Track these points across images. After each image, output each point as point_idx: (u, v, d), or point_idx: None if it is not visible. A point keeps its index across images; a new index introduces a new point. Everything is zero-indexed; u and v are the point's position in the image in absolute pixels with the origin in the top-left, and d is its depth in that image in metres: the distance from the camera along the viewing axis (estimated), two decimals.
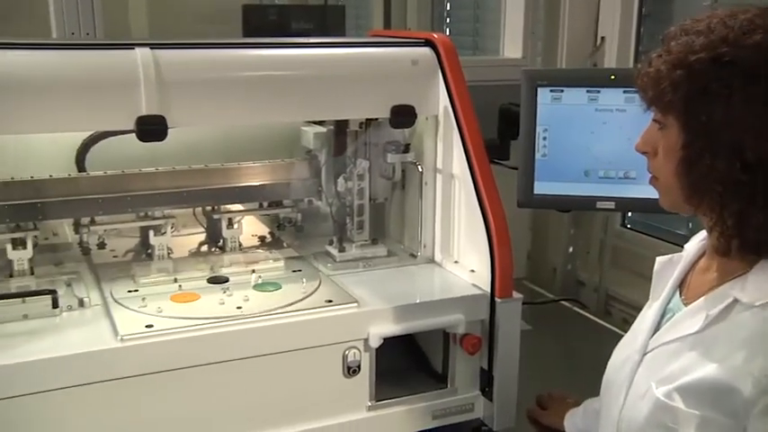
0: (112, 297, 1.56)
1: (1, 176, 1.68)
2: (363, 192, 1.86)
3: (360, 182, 1.85)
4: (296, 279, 1.68)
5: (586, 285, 2.71)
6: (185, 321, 1.44)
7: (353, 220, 1.86)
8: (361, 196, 1.86)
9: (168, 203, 1.80)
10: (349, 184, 1.85)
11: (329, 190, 1.91)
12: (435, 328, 1.62)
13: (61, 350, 1.35)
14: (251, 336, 1.46)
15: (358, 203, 1.86)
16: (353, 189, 1.85)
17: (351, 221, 1.87)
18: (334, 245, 1.83)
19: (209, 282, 1.66)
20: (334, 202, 1.89)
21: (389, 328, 1.55)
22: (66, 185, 1.72)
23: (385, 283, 1.70)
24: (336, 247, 1.82)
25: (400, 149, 1.83)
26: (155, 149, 1.57)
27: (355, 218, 1.86)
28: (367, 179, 1.85)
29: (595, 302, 2.66)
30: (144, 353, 1.38)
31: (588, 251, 2.71)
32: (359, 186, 1.85)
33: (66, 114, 1.47)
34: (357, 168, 1.84)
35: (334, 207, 1.90)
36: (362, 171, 1.84)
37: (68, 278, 1.62)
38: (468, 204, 1.71)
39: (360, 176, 1.84)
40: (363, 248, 1.83)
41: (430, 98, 1.74)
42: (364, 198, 1.86)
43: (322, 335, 1.52)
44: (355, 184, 1.85)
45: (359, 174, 1.84)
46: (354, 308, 1.55)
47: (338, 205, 1.89)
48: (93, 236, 1.82)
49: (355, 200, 1.85)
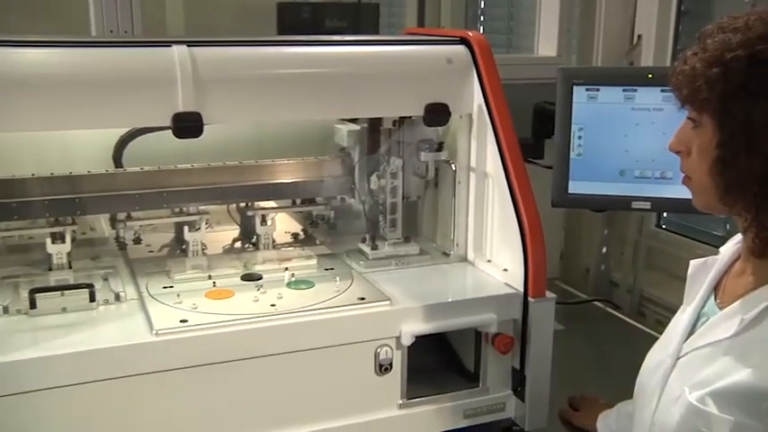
0: (148, 292, 1.58)
1: (41, 172, 1.72)
2: (396, 190, 1.86)
3: (393, 180, 1.85)
4: (329, 277, 1.69)
5: (620, 286, 2.69)
6: (220, 317, 1.46)
7: (386, 218, 1.87)
8: (394, 194, 1.86)
9: (203, 200, 1.82)
10: (382, 182, 1.86)
11: (362, 188, 1.92)
12: (467, 326, 1.62)
13: (97, 343, 1.37)
14: (284, 332, 1.47)
15: (391, 201, 1.86)
16: (386, 187, 1.85)
17: (383, 219, 1.87)
18: (366, 242, 1.83)
19: (242, 279, 1.67)
20: (367, 200, 1.90)
21: (421, 327, 1.56)
22: (103, 181, 1.75)
23: (417, 282, 1.70)
24: (369, 244, 1.82)
25: (434, 148, 1.83)
26: (189, 146, 1.59)
27: (388, 216, 1.86)
28: (400, 177, 1.86)
29: (629, 304, 2.64)
30: (178, 347, 1.40)
31: (622, 252, 2.69)
32: (392, 184, 1.85)
33: (104, 111, 1.49)
34: (390, 166, 1.85)
35: (366, 205, 1.90)
36: (396, 169, 1.85)
37: (105, 272, 1.65)
38: (501, 203, 1.71)
39: (393, 174, 1.85)
40: (396, 246, 1.83)
41: (464, 96, 1.74)
42: (397, 196, 1.87)
43: (354, 332, 1.52)
44: (388, 182, 1.85)
45: (392, 172, 1.85)
46: (387, 306, 1.56)
47: (371, 203, 1.90)
48: (130, 231, 1.84)
49: (388, 198, 1.86)
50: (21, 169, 1.71)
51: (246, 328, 1.45)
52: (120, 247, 1.86)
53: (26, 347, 1.34)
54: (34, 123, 1.47)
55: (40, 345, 1.36)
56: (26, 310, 1.47)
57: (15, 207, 1.67)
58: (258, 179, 1.86)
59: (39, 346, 1.36)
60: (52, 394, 1.33)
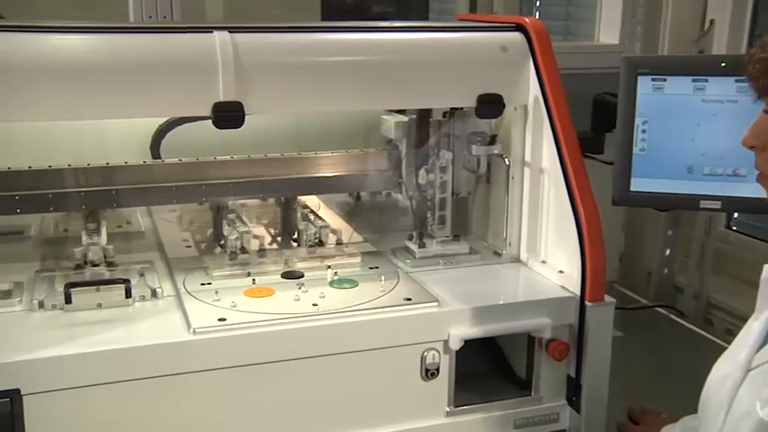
0: (185, 289, 1.61)
1: (77, 162, 1.76)
2: (446, 185, 1.86)
3: (442, 174, 1.85)
4: (373, 276, 1.70)
5: (685, 292, 2.65)
6: (260, 316, 1.48)
7: (434, 215, 1.87)
8: (444, 189, 1.86)
9: (243, 193, 1.85)
10: (431, 176, 1.86)
11: (409, 182, 1.92)
12: (520, 331, 1.62)
13: (133, 341, 1.41)
14: (327, 333, 1.49)
15: (440, 197, 1.86)
16: (435, 182, 1.86)
17: (432, 216, 1.88)
18: (413, 240, 1.84)
19: (283, 277, 1.69)
20: (415, 196, 1.91)
21: (471, 330, 1.56)
22: (140, 173, 1.78)
23: (467, 282, 1.70)
24: (416, 242, 1.83)
25: (486, 141, 1.82)
26: (227, 137, 1.62)
27: (437, 212, 1.87)
28: (450, 171, 1.86)
29: (694, 310, 2.60)
30: (217, 347, 1.43)
31: (687, 254, 2.65)
32: (441, 179, 1.86)
33: (142, 100, 1.52)
34: (440, 160, 1.85)
35: (414, 200, 1.91)
36: (445, 163, 1.85)
37: (141, 268, 1.69)
38: (557, 201, 1.70)
39: (442, 169, 1.85)
40: (444, 245, 1.84)
41: (519, 87, 1.73)
42: (447, 191, 1.87)
43: (400, 334, 1.53)
44: (437, 176, 1.85)
45: (441, 166, 1.85)
46: (434, 307, 1.56)
47: (419, 198, 1.90)
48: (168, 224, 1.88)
49: (437, 193, 1.86)
50: (56, 160, 1.76)
51: (287, 328, 1.47)
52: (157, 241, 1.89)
53: (61, 344, 1.38)
54: (70, 112, 1.51)
55: (76, 341, 1.39)
56: (61, 306, 1.51)
57: (51, 199, 1.72)
58: (301, 172, 1.88)
59: (74, 342, 1.39)
60: (86, 392, 1.37)
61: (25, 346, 1.36)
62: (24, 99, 1.45)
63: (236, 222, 1.80)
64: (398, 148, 1.93)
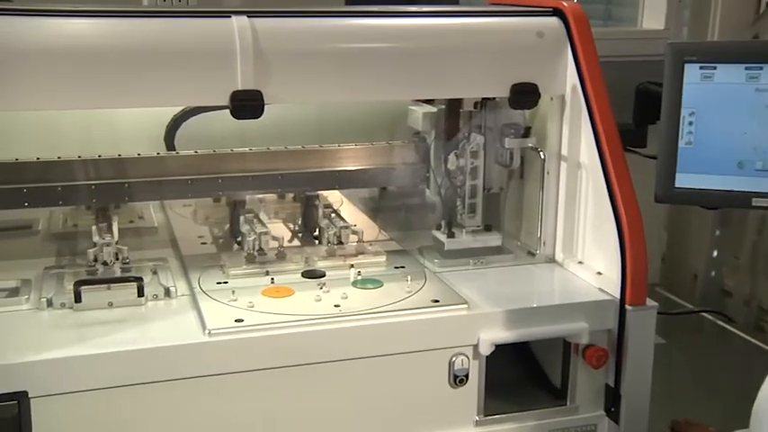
0: (200, 288, 1.63)
1: (87, 154, 1.78)
2: (477, 171, 1.85)
3: (473, 160, 1.84)
4: (399, 276, 1.71)
5: (734, 296, 2.63)
6: (278, 317, 1.50)
7: (464, 203, 1.86)
8: (474, 176, 1.85)
9: (261, 187, 1.86)
10: (461, 161, 1.84)
11: (438, 169, 1.90)
12: (554, 336, 1.62)
13: (146, 342, 1.42)
14: (350, 336, 1.50)
15: (470, 184, 1.85)
16: (466, 167, 1.84)
17: (461, 204, 1.87)
18: (442, 230, 1.83)
19: (303, 276, 1.71)
20: (444, 183, 1.90)
21: (502, 335, 1.56)
22: (154, 165, 1.80)
23: (498, 284, 1.71)
24: (444, 232, 1.82)
25: (520, 133, 1.83)
26: (244, 128, 1.64)
27: (467, 200, 1.86)
28: (481, 157, 1.84)
29: (744, 316, 2.58)
30: (233, 349, 1.44)
31: (737, 256, 2.63)
32: (472, 164, 1.84)
33: (156, 88, 1.54)
34: (470, 144, 1.84)
35: (443, 188, 1.90)
36: (477, 147, 1.83)
37: (154, 265, 1.71)
38: (596, 197, 1.70)
39: (473, 153, 1.84)
40: (475, 235, 1.83)
41: (556, 75, 1.73)
42: (478, 178, 1.85)
43: (427, 338, 1.54)
44: (468, 162, 1.84)
45: (472, 150, 1.84)
46: (464, 310, 1.57)
47: (448, 186, 1.90)
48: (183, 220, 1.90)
49: (467, 180, 1.85)
50: (66, 151, 1.78)
51: (307, 330, 1.48)
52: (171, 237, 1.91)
53: (70, 344, 1.40)
54: (80, 101, 1.53)
55: (85, 342, 1.42)
56: (71, 304, 1.54)
57: (60, 192, 1.74)
58: (322, 165, 1.89)
59: (83, 343, 1.41)
60: (96, 395, 1.39)
61: (33, 347, 1.39)
62: (32, 87, 1.47)
63: (254, 222, 1.82)
64: (426, 141, 1.93)
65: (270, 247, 1.76)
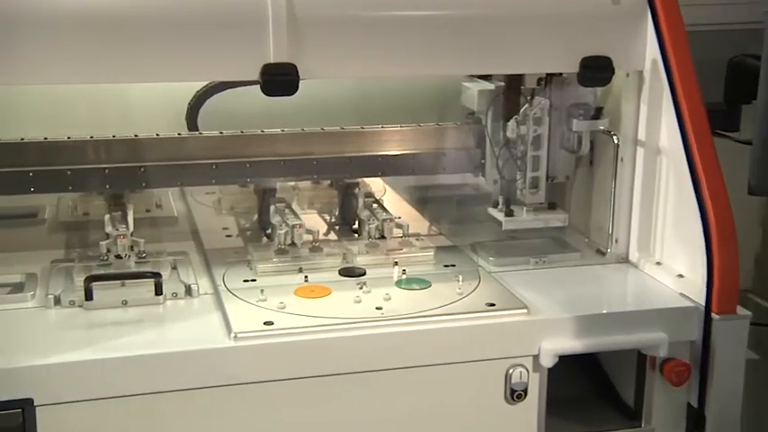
0: (225, 286, 1.64)
1: (100, 134, 1.81)
2: (541, 139, 1.83)
3: (536, 127, 1.82)
4: (449, 275, 1.70)
5: None
6: (313, 320, 1.50)
7: (525, 177, 1.85)
8: (538, 146, 1.83)
9: (294, 174, 1.87)
10: (522, 129, 1.83)
11: (494, 146, 1.90)
12: (628, 347, 1.61)
13: (164, 346, 1.44)
14: (393, 342, 1.50)
15: (533, 155, 1.84)
16: (528, 136, 1.82)
17: (522, 178, 1.86)
18: (499, 207, 1.82)
19: (341, 274, 1.71)
20: (502, 154, 1.89)
21: (567, 344, 1.55)
22: (173, 147, 1.82)
23: (563, 286, 1.70)
24: (502, 209, 1.81)
25: (590, 114, 1.81)
26: (275, 106, 1.64)
27: (528, 173, 1.84)
28: (546, 124, 1.82)
29: None
30: (262, 356, 1.45)
31: None
32: (535, 133, 1.83)
33: (178, 61, 1.55)
34: (533, 109, 1.82)
35: (501, 159, 1.89)
36: (540, 113, 1.81)
37: (174, 260, 1.72)
38: (678, 189, 1.68)
39: (537, 120, 1.82)
40: (537, 213, 1.82)
41: (634, 48, 1.71)
42: (541, 148, 1.83)
43: (480, 347, 1.53)
44: (530, 129, 1.83)
45: (535, 116, 1.82)
46: (523, 315, 1.56)
47: (507, 158, 1.88)
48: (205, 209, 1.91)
49: (529, 150, 1.84)
50: (76, 131, 1.80)
51: (345, 335, 1.48)
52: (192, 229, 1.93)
53: (80, 347, 1.42)
54: (92, 74, 1.54)
55: (97, 345, 1.43)
56: (81, 302, 1.56)
57: (69, 176, 1.76)
58: (364, 149, 1.89)
59: (94, 346, 1.43)
60: (108, 405, 1.40)
61: (39, 350, 1.41)
62: (39, 58, 1.49)
63: (285, 212, 1.83)
64: (482, 122, 1.93)
65: (303, 241, 1.76)
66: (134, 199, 1.88)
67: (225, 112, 1.95)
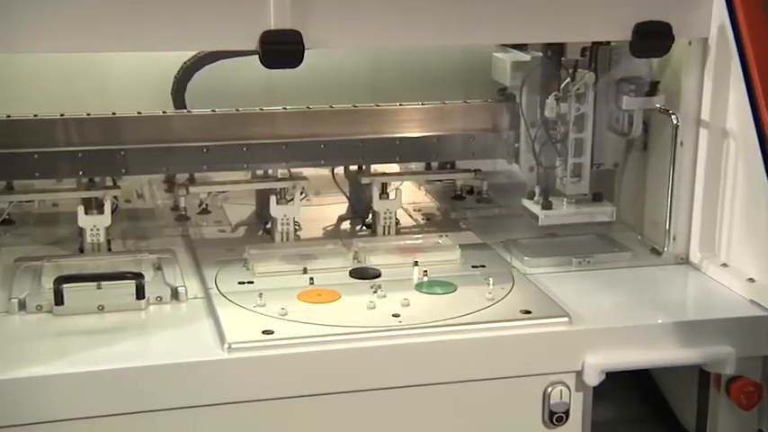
0: (218, 289, 1.63)
1: (72, 111, 1.80)
2: (584, 120, 1.81)
3: (579, 105, 1.81)
4: (478, 278, 1.70)
5: None
6: (319, 329, 1.49)
7: (566, 163, 1.84)
8: (581, 127, 1.81)
9: (298, 159, 1.87)
10: (563, 107, 1.81)
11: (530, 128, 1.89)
12: (687, 363, 1.59)
13: (146, 359, 1.43)
14: (412, 356, 1.49)
15: (575, 137, 1.83)
16: (569, 115, 1.81)
17: (562, 165, 1.85)
18: (535, 199, 1.81)
19: (352, 275, 1.71)
20: (540, 137, 1.88)
21: (616, 359, 1.54)
22: (157, 127, 1.82)
23: (612, 291, 1.69)
24: (539, 202, 1.80)
25: (643, 90, 1.80)
26: (276, 80, 1.63)
27: (570, 159, 1.83)
28: (590, 101, 1.81)
29: None
30: (260, 370, 1.44)
31: None
32: (578, 111, 1.81)
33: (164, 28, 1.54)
34: (576, 83, 1.80)
35: (538, 143, 1.88)
36: (584, 88, 1.80)
37: (158, 258, 1.71)
38: (749, 178, 1.67)
39: (579, 97, 1.80)
40: (580, 206, 1.81)
41: (697, 12, 1.70)
42: (585, 130, 1.82)
43: (514, 362, 1.53)
44: (572, 107, 1.81)
45: (578, 92, 1.80)
46: (564, 324, 1.55)
47: (544, 141, 1.87)
48: (193, 200, 1.91)
49: (571, 132, 1.83)
50: (44, 108, 1.81)
51: (357, 347, 1.47)
52: (180, 222, 1.93)
53: (49, 359, 1.41)
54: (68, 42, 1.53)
55: (68, 357, 1.42)
56: (50, 307, 1.55)
57: (36, 160, 1.76)
58: (378, 131, 1.89)
59: (66, 358, 1.42)
60: (80, 427, 1.39)
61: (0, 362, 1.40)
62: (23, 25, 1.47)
63: (288, 203, 1.82)
64: (515, 100, 1.92)
65: (308, 236, 1.76)
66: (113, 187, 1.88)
67: (217, 88, 1.95)
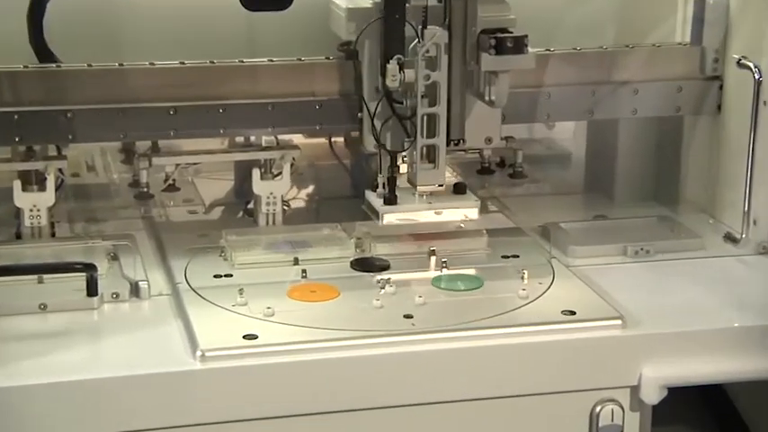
0: (188, 283, 1.64)
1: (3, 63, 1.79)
2: (437, 90, 1.71)
3: (429, 71, 1.71)
4: (509, 271, 1.71)
5: None
6: (314, 334, 1.49)
7: (417, 146, 1.76)
8: (433, 98, 1.72)
9: (287, 122, 1.86)
10: (408, 74, 1.72)
11: (368, 101, 1.83)
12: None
13: (100, 370, 1.43)
14: (428, 367, 1.49)
15: (425, 113, 1.74)
16: (417, 86, 1.73)
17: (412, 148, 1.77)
18: (378, 191, 1.77)
19: (354, 267, 1.72)
20: (382, 111, 1.80)
21: (680, 371, 1.55)
22: (113, 82, 1.80)
23: (676, 287, 1.71)
24: (382, 195, 1.75)
25: (507, 47, 1.69)
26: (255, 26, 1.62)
27: (419, 140, 1.74)
28: (443, 65, 1.71)
29: None
30: (241, 383, 1.44)
31: None
32: (427, 79, 1.71)
33: None
34: (425, 43, 1.72)
35: (379, 119, 1.81)
36: (434, 49, 1.70)
37: (114, 246, 1.72)
38: None
39: (429, 61, 1.70)
40: (434, 201, 1.78)
41: None
42: (439, 101, 1.73)
43: (554, 375, 1.53)
44: (420, 73, 1.72)
45: (427, 54, 1.70)
46: (616, 328, 1.55)
47: (388, 115, 1.81)
48: (157, 174, 1.92)
49: (420, 106, 1.74)
50: None
51: (360, 355, 1.47)
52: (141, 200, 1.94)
53: None
54: None
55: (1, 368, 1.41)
56: None
57: None
58: None
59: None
60: None
61: None
62: None
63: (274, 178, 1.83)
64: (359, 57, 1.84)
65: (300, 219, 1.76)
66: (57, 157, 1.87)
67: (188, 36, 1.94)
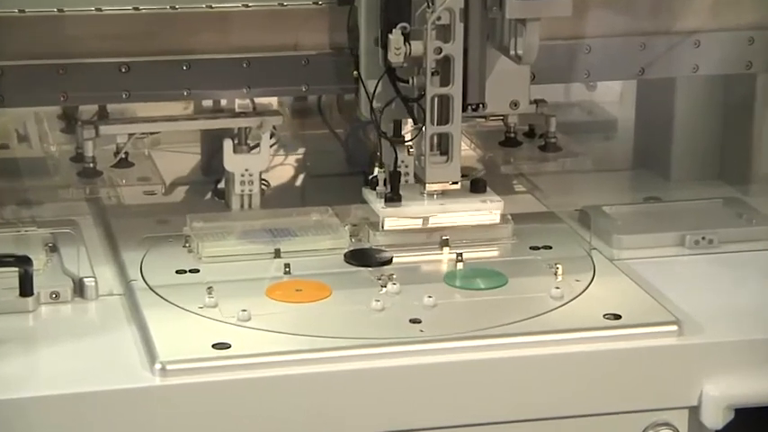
0: (144, 281, 1.65)
1: None
2: (451, 66, 1.76)
3: (441, 43, 1.75)
4: (539, 265, 1.73)
5: None
6: (300, 342, 1.50)
7: (426, 136, 1.80)
8: (447, 77, 1.76)
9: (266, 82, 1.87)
10: (414, 46, 1.75)
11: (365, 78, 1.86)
12: None
13: (37, 386, 1.44)
14: (439, 382, 1.50)
15: (436, 93, 1.77)
16: (427, 60, 1.77)
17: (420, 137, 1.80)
18: (379, 189, 1.79)
19: (349, 260, 1.73)
20: (383, 91, 1.83)
21: (749, 389, 1.56)
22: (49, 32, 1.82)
23: (743, 285, 1.72)
24: (383, 194, 1.78)
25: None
26: None
27: (429, 127, 1.78)
28: (458, 35, 1.74)
29: None
30: (209, 402, 1.45)
31: None
32: (438, 53, 1.74)
33: None
34: (435, 8, 1.73)
35: (378, 101, 1.84)
36: (447, 17, 1.73)
37: (53, 234, 1.73)
38: None
39: (441, 30, 1.73)
40: (446, 200, 1.81)
41: None
42: (454, 80, 1.77)
43: (596, 392, 1.54)
44: (430, 45, 1.75)
45: (439, 22, 1.73)
46: (672, 336, 1.57)
47: (392, 97, 1.83)
48: (106, 146, 1.93)
49: (429, 85, 1.76)
50: None
51: (357, 368, 1.48)
52: (86, 178, 1.95)
53: None
54: None
55: None
56: None
57: None
58: None
59: None
60: None
61: None
62: None
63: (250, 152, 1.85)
64: None
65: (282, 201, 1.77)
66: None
67: None
